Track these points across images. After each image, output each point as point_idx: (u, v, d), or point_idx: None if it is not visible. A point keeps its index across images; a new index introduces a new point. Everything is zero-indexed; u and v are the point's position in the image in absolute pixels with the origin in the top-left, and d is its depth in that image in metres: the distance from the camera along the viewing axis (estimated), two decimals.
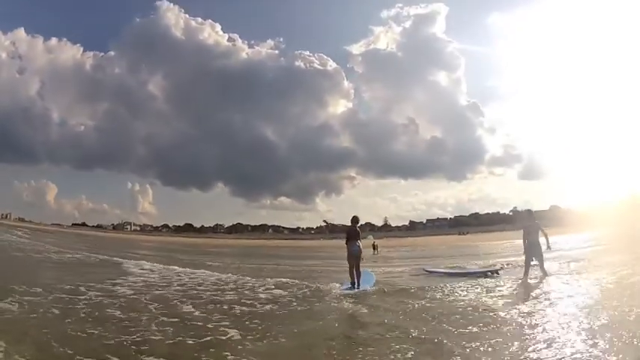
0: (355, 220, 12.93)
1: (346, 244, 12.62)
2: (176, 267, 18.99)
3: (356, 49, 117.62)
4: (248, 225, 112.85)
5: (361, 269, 12.54)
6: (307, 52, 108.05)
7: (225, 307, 9.86)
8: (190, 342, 6.86)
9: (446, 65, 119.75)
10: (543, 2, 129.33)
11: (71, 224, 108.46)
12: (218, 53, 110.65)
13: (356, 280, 12.25)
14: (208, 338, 7.08)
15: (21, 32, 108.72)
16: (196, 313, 9.09)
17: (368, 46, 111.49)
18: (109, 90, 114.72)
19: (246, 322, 8.21)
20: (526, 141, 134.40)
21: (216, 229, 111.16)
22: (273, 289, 12.54)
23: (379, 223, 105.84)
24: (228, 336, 7.23)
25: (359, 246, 12.44)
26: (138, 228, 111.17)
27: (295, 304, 10.32)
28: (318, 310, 9.64)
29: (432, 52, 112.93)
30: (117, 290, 11.86)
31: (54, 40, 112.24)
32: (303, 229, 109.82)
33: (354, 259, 12.33)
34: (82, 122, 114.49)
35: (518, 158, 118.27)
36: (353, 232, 12.68)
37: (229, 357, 6.12)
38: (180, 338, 7.01)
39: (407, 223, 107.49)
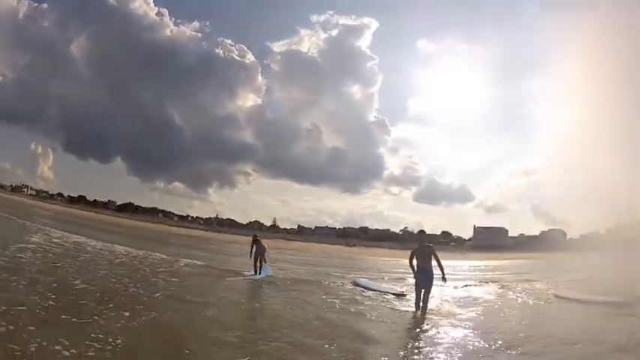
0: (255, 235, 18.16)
1: (254, 243, 17.39)
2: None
3: (277, 47, 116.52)
4: (139, 206, 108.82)
5: (264, 264, 17.31)
6: (229, 41, 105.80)
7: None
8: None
9: (362, 79, 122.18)
10: (472, 38, 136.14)
11: None
12: (144, 25, 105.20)
13: (258, 270, 17.05)
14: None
15: None
16: None
17: (290, 47, 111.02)
18: (35, 43, 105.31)
19: None
20: (427, 165, 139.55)
21: (108, 206, 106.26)
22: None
23: (268, 223, 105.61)
24: None
25: (264, 246, 17.55)
26: (34, 192, 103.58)
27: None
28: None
29: (351, 65, 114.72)
30: None
31: None
32: (192, 217, 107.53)
33: (260, 255, 17.19)
34: (2, 73, 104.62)
35: (416, 180, 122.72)
36: (255, 240, 17.56)
37: None
38: None
39: (295, 227, 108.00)
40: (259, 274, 17.01)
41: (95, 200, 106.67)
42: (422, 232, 13.25)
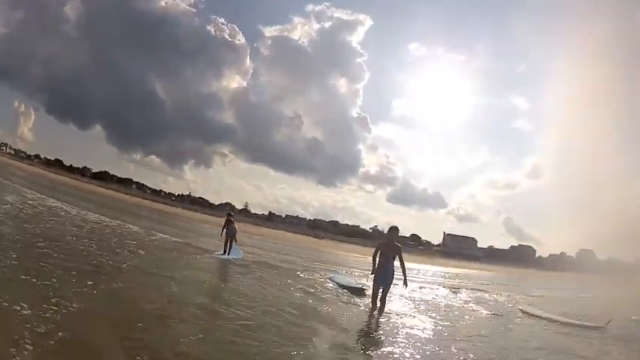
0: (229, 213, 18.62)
1: (227, 223, 17.64)
2: None
3: (269, 31, 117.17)
4: (114, 175, 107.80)
5: (234, 245, 17.77)
6: (222, 20, 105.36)
7: None
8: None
9: (350, 74, 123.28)
10: (463, 48, 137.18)
11: None
12: None
13: (228, 250, 17.39)
14: None
15: None
16: None
17: (281, 33, 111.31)
18: (30, 0, 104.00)
19: None
20: (404, 167, 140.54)
21: (83, 172, 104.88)
22: None
23: (239, 206, 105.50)
24: None
25: (236, 228, 17.85)
26: (12, 152, 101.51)
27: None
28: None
29: (340, 58, 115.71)
30: None
31: None
32: (165, 193, 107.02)
33: (231, 236, 17.52)
34: None
35: (391, 181, 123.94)
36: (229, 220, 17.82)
37: None
38: None
39: (266, 213, 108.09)
40: (228, 254, 17.30)
41: (71, 165, 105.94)
42: (394, 228, 11.57)
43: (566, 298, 22.36)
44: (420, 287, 19.32)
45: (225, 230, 17.55)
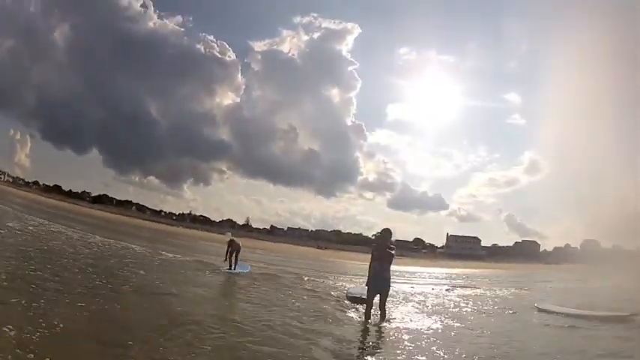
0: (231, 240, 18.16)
1: (229, 246, 17.69)
2: None
3: (258, 46, 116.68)
4: (114, 198, 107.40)
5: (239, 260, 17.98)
6: (211, 37, 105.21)
7: None
8: None
9: (341, 83, 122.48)
10: (454, 49, 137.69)
11: None
12: (128, 16, 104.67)
13: (233, 265, 17.55)
14: None
15: None
16: None
17: (271, 47, 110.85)
18: (19, 27, 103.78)
19: None
20: (402, 172, 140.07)
21: (83, 197, 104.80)
22: None
23: (241, 221, 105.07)
24: None
25: (239, 244, 17.88)
26: (10, 179, 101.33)
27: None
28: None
29: (331, 68, 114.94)
30: None
31: None
32: (165, 212, 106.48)
33: (235, 251, 17.59)
34: None
35: (390, 187, 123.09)
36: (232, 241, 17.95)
37: None
38: None
39: (268, 227, 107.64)
40: (234, 269, 17.52)
41: (70, 190, 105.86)
42: (386, 230, 10.57)
43: (577, 290, 21.87)
44: (432, 289, 18.96)
45: (229, 250, 17.57)
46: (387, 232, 10.66)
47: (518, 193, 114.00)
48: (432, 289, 19.96)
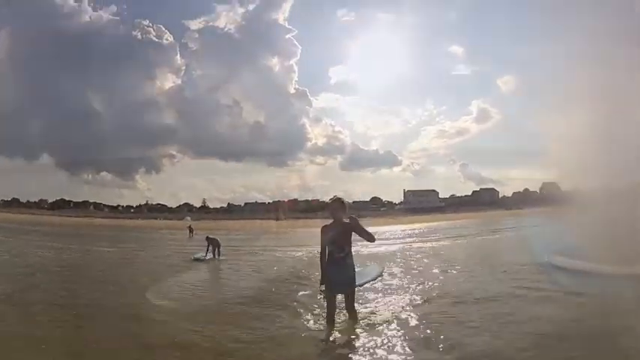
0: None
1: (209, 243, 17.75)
2: None
3: (194, 24, 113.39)
4: (71, 201, 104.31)
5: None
6: (147, 22, 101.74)
7: None
8: None
9: (280, 52, 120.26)
10: (392, 5, 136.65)
11: None
12: (63, 13, 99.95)
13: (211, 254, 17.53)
14: None
15: None
16: None
17: (207, 24, 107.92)
18: None
19: None
20: (351, 133, 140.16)
21: (40, 205, 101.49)
22: None
23: (197, 204, 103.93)
24: None
25: (217, 240, 18.01)
26: None
27: None
28: None
29: (269, 38, 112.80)
30: None
31: None
32: (122, 207, 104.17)
33: (216, 247, 17.65)
34: None
35: (341, 149, 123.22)
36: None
37: None
38: None
39: (225, 206, 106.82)
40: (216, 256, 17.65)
41: (28, 201, 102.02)
42: (337, 200, 7.13)
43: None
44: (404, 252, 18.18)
45: (209, 247, 17.47)
46: (337, 202, 7.14)
47: (470, 143, 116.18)
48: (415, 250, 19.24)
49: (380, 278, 11.33)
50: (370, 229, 6.99)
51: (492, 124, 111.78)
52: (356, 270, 7.20)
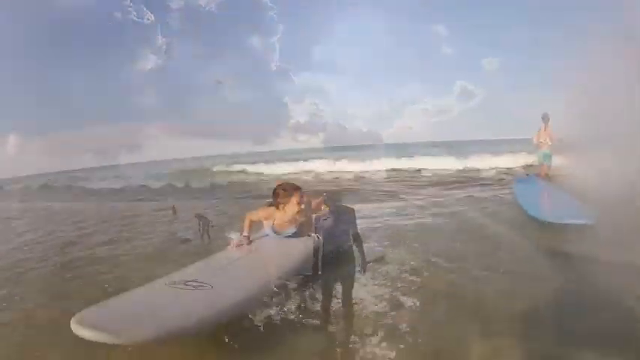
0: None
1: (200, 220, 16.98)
2: None
3: (175, 3, 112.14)
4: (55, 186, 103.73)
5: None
6: (127, 2, 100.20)
7: None
8: None
9: (262, 30, 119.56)
10: None
11: None
12: None
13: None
14: None
15: None
16: None
17: (188, 2, 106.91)
18: None
19: None
20: (334, 111, 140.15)
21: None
22: None
23: (180, 185, 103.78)
24: None
25: (207, 218, 16.97)
26: None
27: None
28: None
29: (250, 16, 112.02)
30: None
31: None
32: (107, 190, 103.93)
33: (206, 226, 16.59)
34: None
35: (323, 127, 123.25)
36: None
37: None
38: None
39: (208, 186, 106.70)
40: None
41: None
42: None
43: None
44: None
45: (200, 224, 16.64)
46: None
47: (453, 121, 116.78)
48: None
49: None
50: (356, 207, 7.28)
51: (476, 103, 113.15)
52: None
